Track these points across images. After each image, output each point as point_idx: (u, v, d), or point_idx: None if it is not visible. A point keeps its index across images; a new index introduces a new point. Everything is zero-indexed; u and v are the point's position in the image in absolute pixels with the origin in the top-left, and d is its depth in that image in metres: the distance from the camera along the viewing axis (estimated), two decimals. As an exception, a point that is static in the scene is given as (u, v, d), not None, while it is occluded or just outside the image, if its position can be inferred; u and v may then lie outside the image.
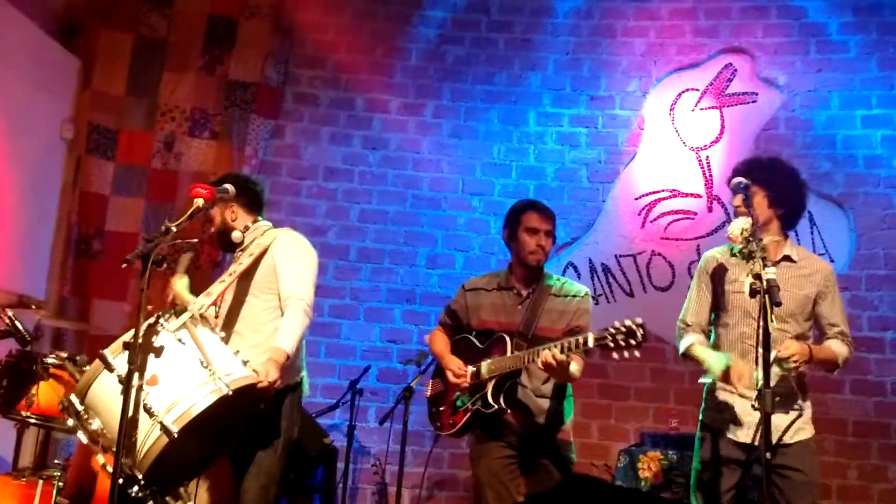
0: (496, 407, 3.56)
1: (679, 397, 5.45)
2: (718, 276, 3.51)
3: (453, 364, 3.72)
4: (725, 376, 3.30)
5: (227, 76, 5.98)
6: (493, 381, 3.58)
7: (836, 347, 3.43)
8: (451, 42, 6.16)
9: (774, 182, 3.44)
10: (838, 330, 3.46)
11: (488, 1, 6.18)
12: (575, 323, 3.69)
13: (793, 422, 3.31)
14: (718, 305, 3.51)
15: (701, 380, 3.54)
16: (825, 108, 5.74)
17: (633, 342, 3.20)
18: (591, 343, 3.28)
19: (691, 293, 3.59)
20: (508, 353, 3.58)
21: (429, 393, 3.99)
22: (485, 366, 3.63)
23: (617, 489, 4.20)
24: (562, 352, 3.34)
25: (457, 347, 3.86)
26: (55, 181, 5.75)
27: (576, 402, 3.85)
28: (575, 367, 3.55)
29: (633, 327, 3.20)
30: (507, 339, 3.62)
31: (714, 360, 3.34)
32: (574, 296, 3.77)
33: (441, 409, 3.87)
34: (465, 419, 3.69)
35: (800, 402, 3.36)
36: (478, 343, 3.77)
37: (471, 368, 3.67)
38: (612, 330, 3.23)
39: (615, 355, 3.25)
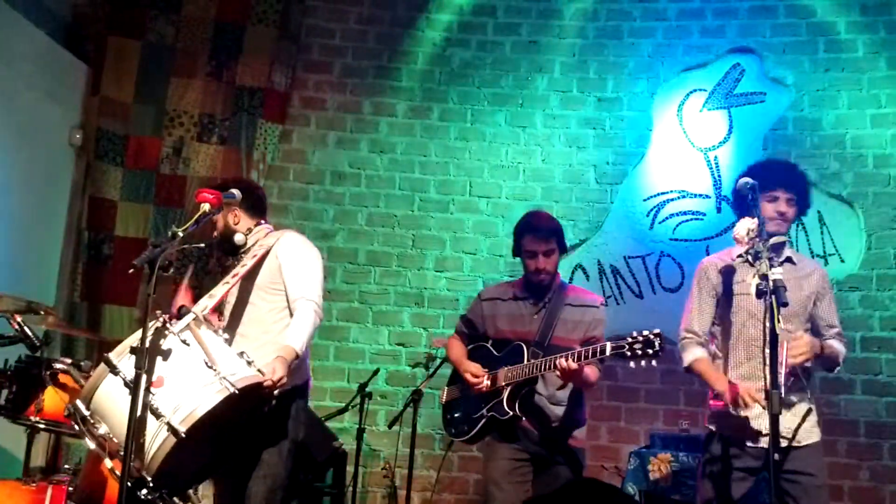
0: (511, 413, 3.60)
1: (689, 399, 5.42)
2: (721, 280, 3.50)
3: (472, 367, 3.77)
4: (735, 402, 3.26)
5: (235, 81, 6.01)
6: (508, 388, 3.63)
7: (838, 346, 3.46)
8: (457, 45, 6.16)
9: (801, 185, 3.49)
10: (836, 331, 3.50)
11: (494, 4, 6.18)
12: (591, 334, 3.72)
13: (804, 418, 3.32)
14: (723, 309, 3.50)
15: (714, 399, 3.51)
16: (834, 108, 5.73)
17: (649, 352, 3.23)
18: (608, 352, 3.33)
19: (692, 301, 3.57)
20: (525, 362, 3.62)
21: (443, 399, 4.01)
22: (501, 373, 3.68)
23: (621, 494, 4.21)
24: (577, 360, 3.39)
25: (473, 355, 3.89)
26: (64, 187, 5.78)
27: (585, 405, 3.84)
28: (591, 373, 3.62)
29: (651, 337, 3.24)
30: (524, 347, 3.67)
31: (722, 387, 3.33)
32: (590, 306, 3.80)
33: (456, 415, 3.90)
34: (479, 425, 3.72)
35: (809, 396, 3.41)
36: (494, 351, 3.82)
37: (488, 374, 3.71)
38: (630, 339, 3.28)
39: (631, 364, 3.28)
